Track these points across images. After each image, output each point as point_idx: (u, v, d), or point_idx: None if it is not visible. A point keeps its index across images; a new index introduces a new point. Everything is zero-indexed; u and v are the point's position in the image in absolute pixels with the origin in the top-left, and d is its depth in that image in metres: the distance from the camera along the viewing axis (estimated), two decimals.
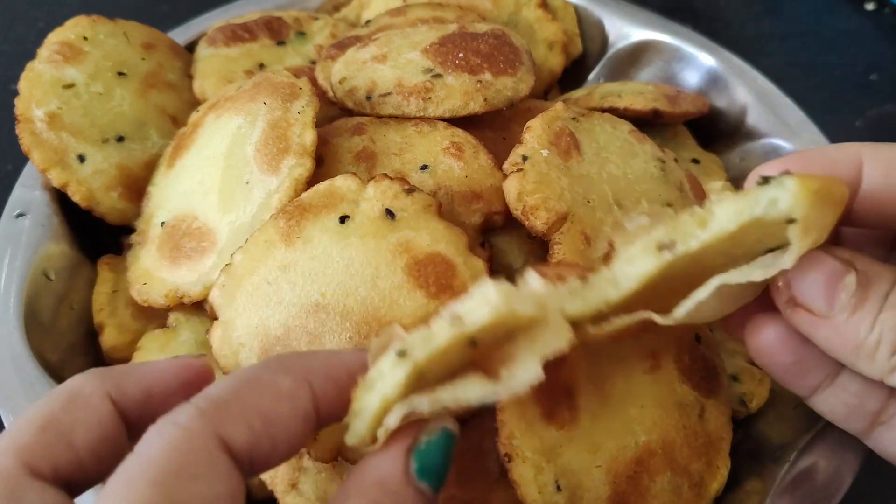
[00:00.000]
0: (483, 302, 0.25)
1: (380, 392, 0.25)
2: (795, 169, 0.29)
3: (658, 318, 0.30)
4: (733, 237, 0.27)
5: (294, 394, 0.26)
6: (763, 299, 0.31)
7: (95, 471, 0.26)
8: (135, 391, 0.27)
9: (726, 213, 0.27)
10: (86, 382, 0.27)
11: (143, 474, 0.22)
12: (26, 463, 0.24)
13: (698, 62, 0.63)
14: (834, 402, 0.32)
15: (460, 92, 0.45)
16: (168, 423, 0.24)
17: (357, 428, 0.25)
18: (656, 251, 0.28)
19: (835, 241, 0.33)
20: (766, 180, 0.27)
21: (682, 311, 0.29)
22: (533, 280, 0.27)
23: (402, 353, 0.24)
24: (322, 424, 0.27)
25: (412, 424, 0.26)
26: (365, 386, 0.25)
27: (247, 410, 0.25)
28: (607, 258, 0.30)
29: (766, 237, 0.28)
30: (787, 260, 0.28)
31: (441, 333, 0.24)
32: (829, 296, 0.29)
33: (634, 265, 0.29)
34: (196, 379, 0.29)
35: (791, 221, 0.26)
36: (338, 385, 0.27)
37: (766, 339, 0.31)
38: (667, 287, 0.29)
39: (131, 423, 0.27)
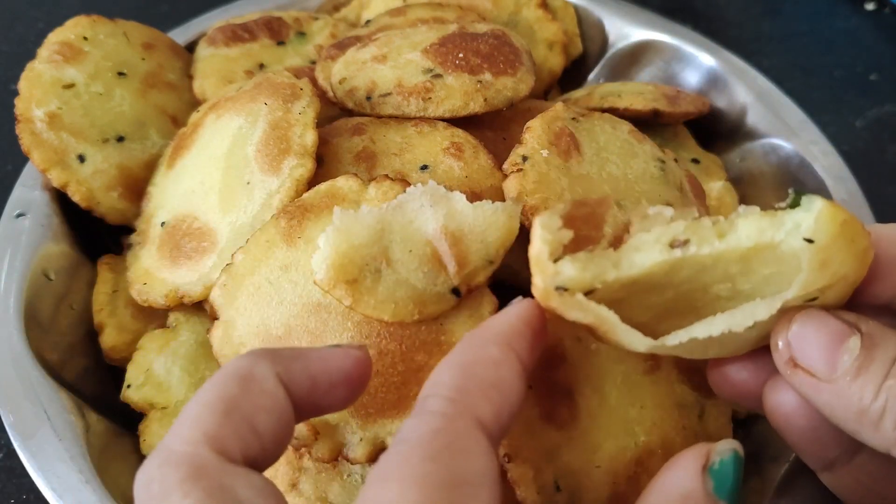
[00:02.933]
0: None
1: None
2: None
3: (640, 345, 0.29)
4: (746, 259, 0.27)
5: (501, 361, 0.28)
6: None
7: (273, 455, 0.26)
8: (302, 377, 0.27)
9: (747, 228, 0.27)
10: (256, 364, 0.27)
11: (418, 452, 0.24)
12: (223, 452, 0.24)
13: (698, 62, 0.63)
14: (849, 482, 0.31)
15: (460, 92, 0.45)
16: (425, 413, 0.26)
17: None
18: (668, 246, 0.28)
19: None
20: (797, 197, 0.26)
21: (674, 340, 0.28)
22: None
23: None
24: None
25: (701, 446, 0.27)
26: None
27: (487, 390, 0.26)
28: (618, 240, 0.29)
29: (777, 276, 0.27)
30: (793, 289, 0.27)
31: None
32: (831, 358, 0.27)
33: (642, 253, 0.28)
34: (356, 370, 0.29)
35: (809, 241, 0.26)
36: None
37: (783, 399, 0.30)
38: (661, 300, 0.29)
39: (298, 408, 0.27)
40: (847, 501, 0.32)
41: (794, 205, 0.27)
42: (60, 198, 0.49)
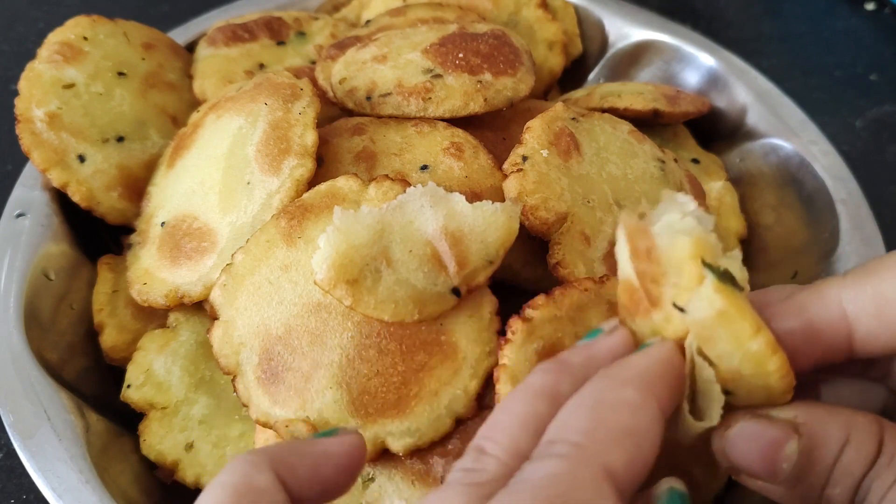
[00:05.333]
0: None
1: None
2: (763, 308, 0.27)
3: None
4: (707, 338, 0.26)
5: (640, 406, 0.25)
6: None
7: None
8: (305, 473, 0.27)
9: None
10: (255, 474, 0.25)
11: (530, 494, 0.22)
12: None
13: (698, 62, 0.63)
14: None
15: (460, 92, 0.45)
16: (547, 456, 0.24)
17: None
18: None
19: None
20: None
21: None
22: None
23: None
24: None
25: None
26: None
27: (620, 437, 0.24)
28: None
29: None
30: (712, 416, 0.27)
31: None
32: (770, 467, 0.27)
33: None
34: (355, 457, 0.28)
35: (680, 309, 0.26)
36: None
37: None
38: None
39: (296, 499, 0.26)
40: None
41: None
42: (60, 198, 0.49)
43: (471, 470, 0.25)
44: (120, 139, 0.50)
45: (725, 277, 0.26)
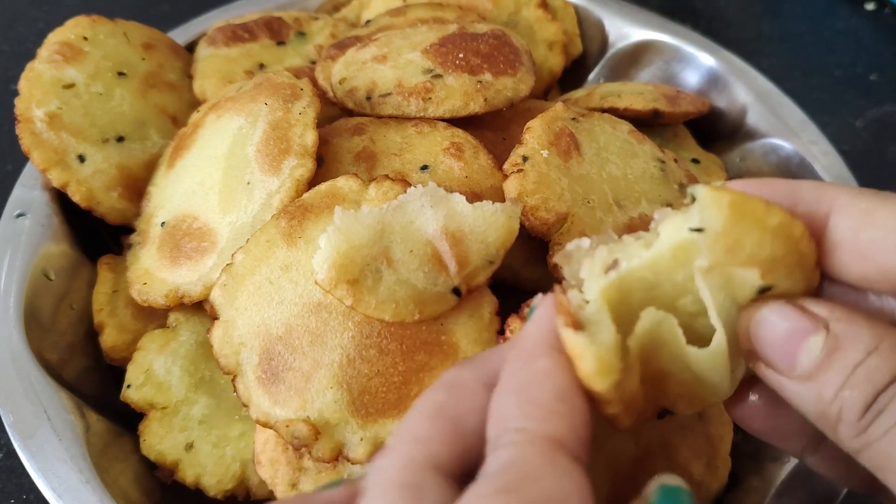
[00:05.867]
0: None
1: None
2: (752, 192, 0.26)
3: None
4: (682, 262, 0.26)
5: (553, 370, 0.26)
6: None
7: (479, 455, 0.26)
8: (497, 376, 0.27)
9: (667, 231, 0.26)
10: (461, 372, 0.27)
11: (491, 485, 0.23)
12: (428, 455, 0.25)
13: (698, 62, 0.63)
14: (823, 467, 0.30)
15: (460, 92, 0.45)
16: (497, 448, 0.24)
17: None
18: (603, 273, 0.27)
19: None
20: (691, 193, 0.26)
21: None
22: None
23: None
24: None
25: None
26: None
27: (551, 407, 0.25)
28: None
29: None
30: (699, 284, 0.26)
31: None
32: (790, 356, 0.26)
33: (588, 287, 0.27)
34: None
35: (699, 230, 0.25)
36: None
37: (741, 405, 0.30)
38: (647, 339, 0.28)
39: None
40: (834, 481, 0.31)
41: (693, 199, 0.26)
42: (60, 198, 0.49)
43: (372, 465, 0.26)
44: (120, 139, 0.50)
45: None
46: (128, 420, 0.43)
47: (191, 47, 0.59)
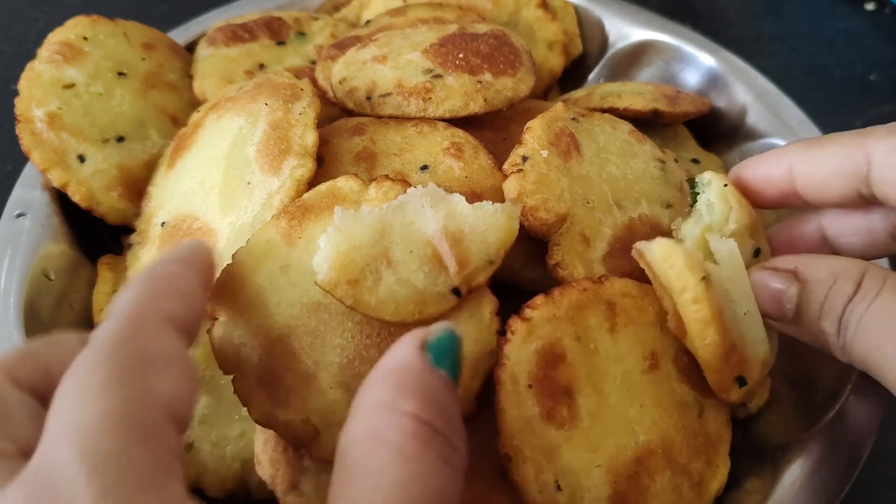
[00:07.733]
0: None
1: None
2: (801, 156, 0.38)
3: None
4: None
5: (181, 273, 0.31)
6: None
7: None
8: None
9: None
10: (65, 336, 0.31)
11: (102, 343, 0.26)
12: (9, 375, 0.28)
13: (698, 62, 0.63)
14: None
15: (460, 92, 0.45)
16: (109, 317, 0.27)
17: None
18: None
19: None
20: (692, 190, 0.39)
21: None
22: None
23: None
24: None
25: (418, 330, 0.29)
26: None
27: (171, 293, 0.29)
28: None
29: None
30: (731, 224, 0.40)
31: None
32: (780, 310, 0.35)
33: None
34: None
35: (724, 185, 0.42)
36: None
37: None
38: None
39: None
40: None
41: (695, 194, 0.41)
42: (60, 198, 0.49)
43: None
44: (120, 139, 0.50)
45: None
46: None
47: (191, 47, 0.59)
